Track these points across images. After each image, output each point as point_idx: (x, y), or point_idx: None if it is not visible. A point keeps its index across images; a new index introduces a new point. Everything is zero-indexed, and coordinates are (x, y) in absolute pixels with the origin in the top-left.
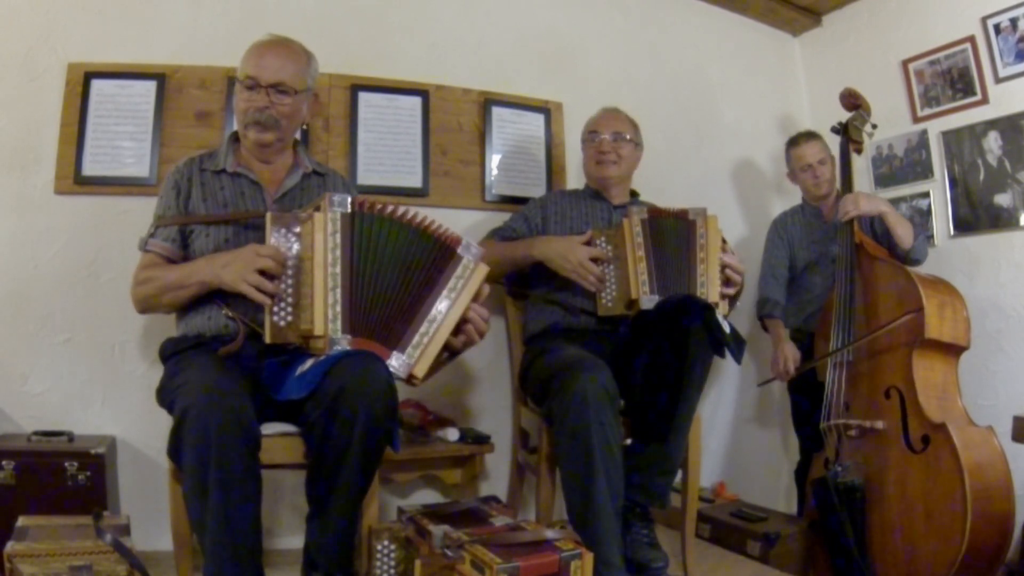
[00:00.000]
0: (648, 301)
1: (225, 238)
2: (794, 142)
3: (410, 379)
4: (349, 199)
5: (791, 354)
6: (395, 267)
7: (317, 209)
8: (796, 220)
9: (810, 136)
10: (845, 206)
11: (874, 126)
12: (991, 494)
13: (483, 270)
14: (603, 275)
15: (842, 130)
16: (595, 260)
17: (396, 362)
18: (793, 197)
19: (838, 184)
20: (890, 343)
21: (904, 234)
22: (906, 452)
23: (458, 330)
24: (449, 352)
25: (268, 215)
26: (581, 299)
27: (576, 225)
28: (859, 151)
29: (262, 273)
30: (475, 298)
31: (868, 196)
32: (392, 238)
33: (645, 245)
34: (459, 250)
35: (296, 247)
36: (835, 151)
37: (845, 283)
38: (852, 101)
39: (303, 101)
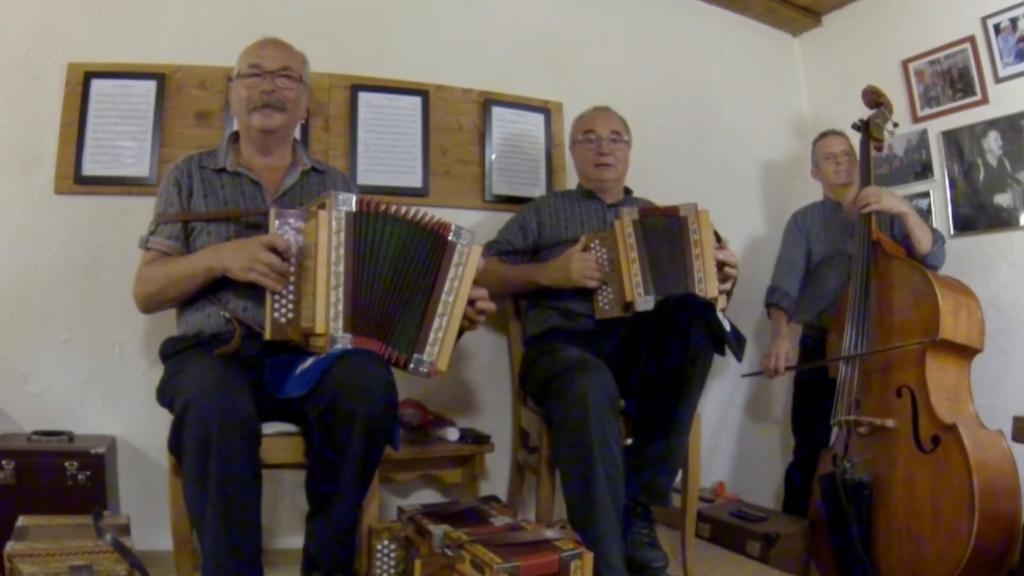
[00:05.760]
0: (643, 302)
1: (227, 236)
2: (821, 135)
3: (433, 373)
4: (354, 198)
5: (784, 352)
6: (396, 265)
7: (322, 207)
8: (815, 215)
9: (837, 132)
10: (867, 197)
11: (895, 124)
12: (999, 496)
13: (477, 251)
14: (606, 271)
15: (863, 127)
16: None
17: (417, 365)
18: (794, 196)
19: (857, 182)
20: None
21: (923, 238)
22: (915, 451)
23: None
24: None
25: (272, 210)
26: (579, 304)
27: (571, 227)
28: (879, 149)
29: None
30: (474, 280)
31: (891, 194)
32: (393, 236)
33: (638, 246)
34: (451, 237)
35: (300, 244)
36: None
37: (861, 281)
38: (874, 98)
39: (303, 92)
